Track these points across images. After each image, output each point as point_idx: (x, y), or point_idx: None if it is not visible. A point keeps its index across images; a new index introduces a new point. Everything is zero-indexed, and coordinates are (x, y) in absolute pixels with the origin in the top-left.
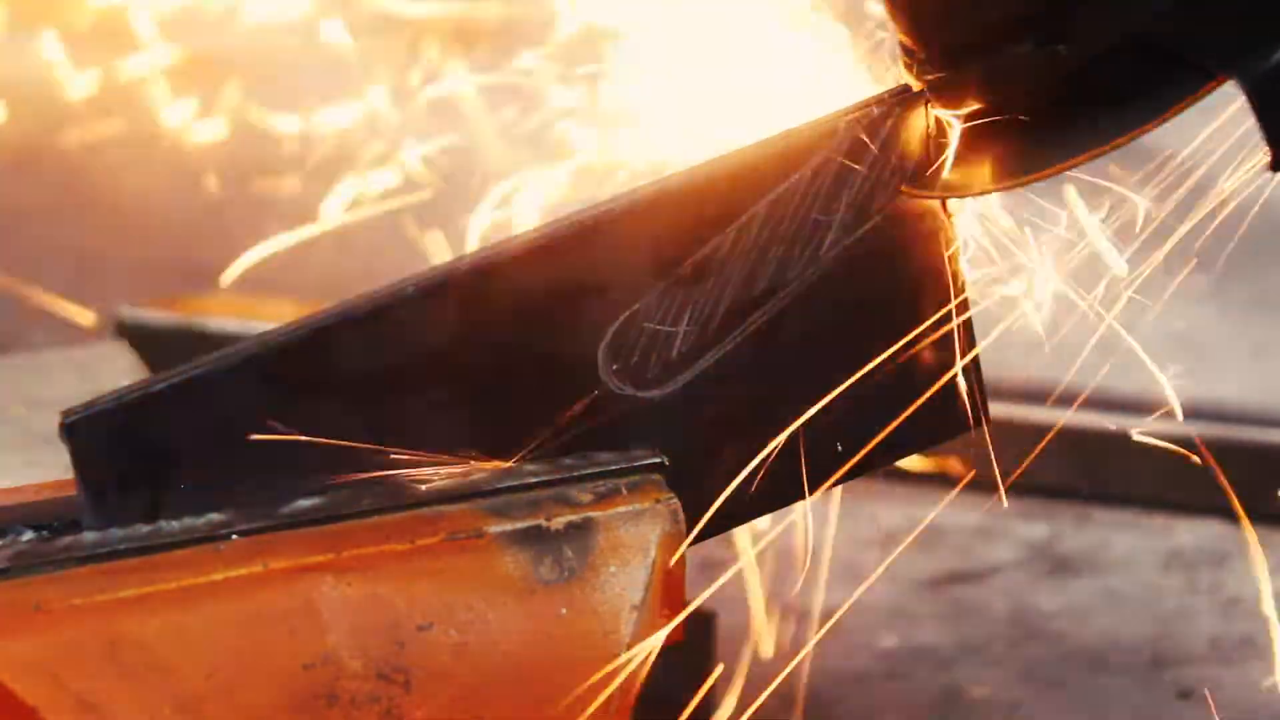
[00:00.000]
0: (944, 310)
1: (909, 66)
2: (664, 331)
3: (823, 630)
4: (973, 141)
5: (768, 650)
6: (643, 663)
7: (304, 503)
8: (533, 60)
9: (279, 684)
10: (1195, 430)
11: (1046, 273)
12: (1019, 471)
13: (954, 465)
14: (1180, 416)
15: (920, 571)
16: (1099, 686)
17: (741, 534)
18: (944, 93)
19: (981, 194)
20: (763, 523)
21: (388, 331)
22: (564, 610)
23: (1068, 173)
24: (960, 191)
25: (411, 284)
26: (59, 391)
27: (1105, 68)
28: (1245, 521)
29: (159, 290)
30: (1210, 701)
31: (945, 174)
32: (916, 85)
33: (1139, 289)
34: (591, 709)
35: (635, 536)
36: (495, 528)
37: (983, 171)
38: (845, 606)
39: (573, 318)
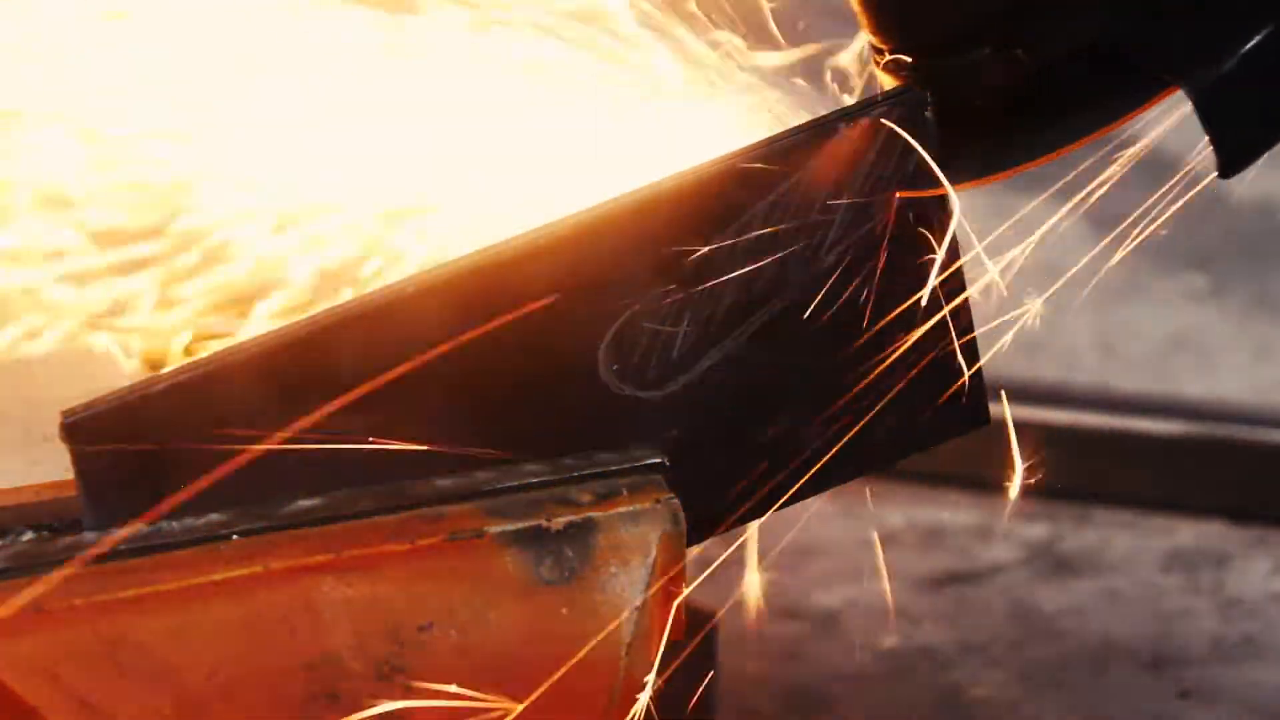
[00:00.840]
0: (945, 307)
1: (878, 64)
2: (664, 331)
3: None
4: (947, 140)
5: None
6: (643, 663)
7: (304, 503)
8: None
9: (279, 684)
10: (1195, 430)
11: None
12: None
13: (954, 464)
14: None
15: (920, 571)
16: (1099, 686)
17: (742, 534)
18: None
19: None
20: (763, 522)
21: (388, 331)
22: (564, 610)
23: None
24: (941, 189)
25: (411, 284)
26: (59, 391)
27: (1064, 72)
28: None
29: None
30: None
31: (939, 172)
32: (890, 84)
33: (1140, 288)
34: (591, 709)
35: (635, 537)
36: (495, 528)
37: (955, 170)
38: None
39: (573, 318)
